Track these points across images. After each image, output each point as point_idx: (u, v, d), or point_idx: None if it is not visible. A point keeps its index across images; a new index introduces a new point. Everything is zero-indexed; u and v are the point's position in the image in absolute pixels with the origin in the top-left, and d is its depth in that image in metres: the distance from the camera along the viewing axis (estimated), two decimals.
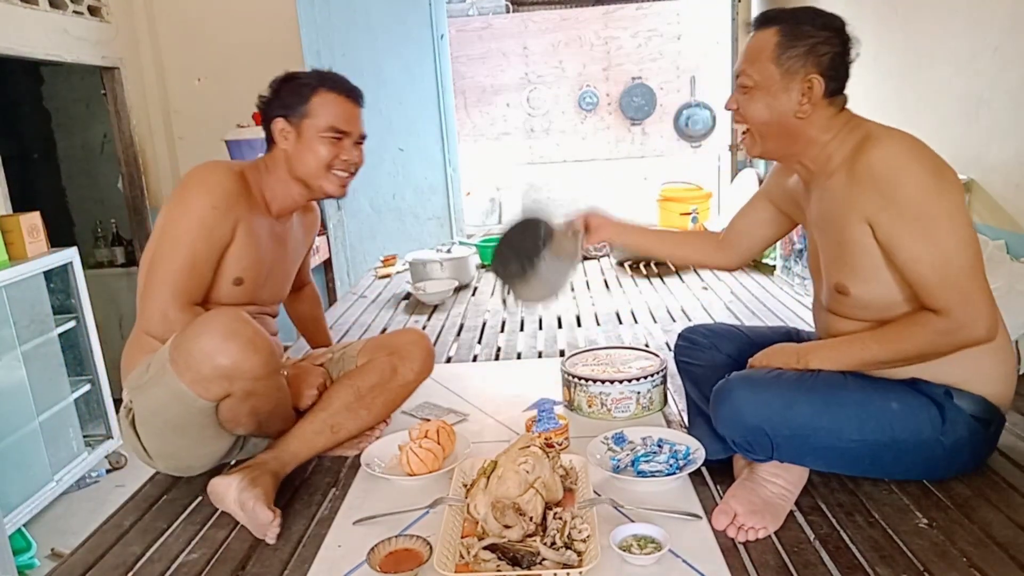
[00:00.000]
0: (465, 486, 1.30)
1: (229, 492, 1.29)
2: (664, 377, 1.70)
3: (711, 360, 1.49)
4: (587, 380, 1.67)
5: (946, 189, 1.17)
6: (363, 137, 1.61)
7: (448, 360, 2.26)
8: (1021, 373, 1.77)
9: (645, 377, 1.65)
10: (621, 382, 1.64)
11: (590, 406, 1.68)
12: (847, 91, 1.30)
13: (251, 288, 1.55)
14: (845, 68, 1.27)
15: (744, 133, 1.35)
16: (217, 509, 1.40)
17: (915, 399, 1.24)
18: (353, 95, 1.58)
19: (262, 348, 1.31)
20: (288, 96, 1.53)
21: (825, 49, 1.25)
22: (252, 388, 1.32)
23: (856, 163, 1.21)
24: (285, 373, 1.51)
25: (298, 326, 2.00)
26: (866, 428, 1.23)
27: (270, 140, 1.58)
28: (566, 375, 1.73)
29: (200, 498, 1.47)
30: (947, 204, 1.16)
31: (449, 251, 3.20)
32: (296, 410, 1.53)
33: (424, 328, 2.59)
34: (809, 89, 1.25)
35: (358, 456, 1.53)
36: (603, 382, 1.65)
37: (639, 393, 1.65)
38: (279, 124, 1.54)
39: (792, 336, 1.53)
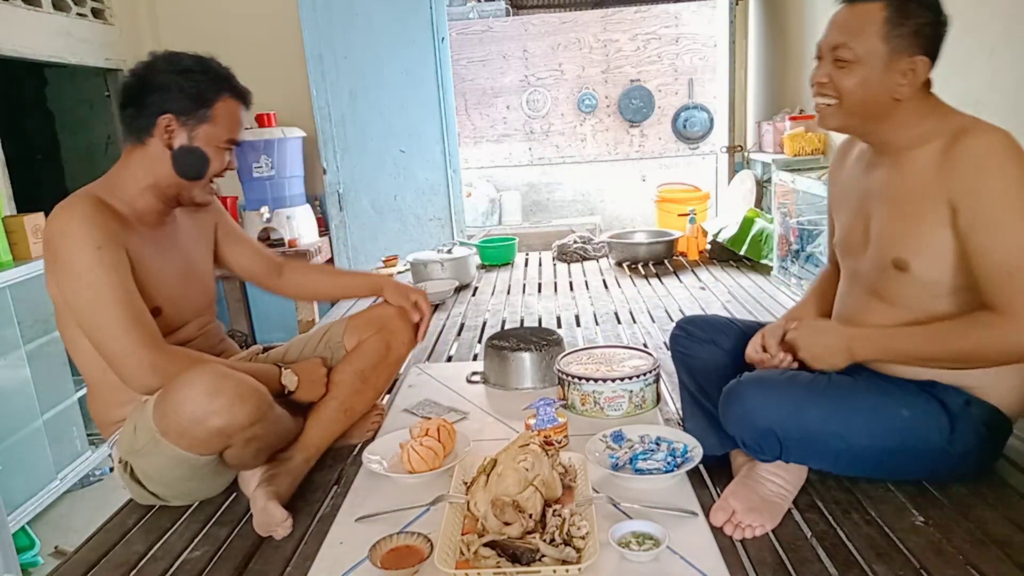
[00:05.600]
0: (465, 484, 1.31)
1: (252, 481, 1.37)
2: (657, 376, 1.71)
3: (709, 353, 1.47)
4: (580, 378, 1.68)
5: None
6: None
7: (449, 359, 2.28)
8: None
9: (637, 376, 1.66)
10: (613, 380, 1.65)
11: (583, 404, 1.68)
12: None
13: (172, 312, 1.42)
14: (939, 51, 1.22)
15: (823, 104, 1.27)
16: (220, 507, 1.42)
17: (927, 405, 1.22)
18: (249, 101, 1.45)
19: (248, 396, 1.26)
20: (188, 91, 1.35)
21: (931, 31, 1.19)
22: (251, 434, 1.30)
23: (956, 145, 1.16)
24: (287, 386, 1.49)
25: (323, 297, 1.81)
26: (875, 433, 1.23)
27: (139, 134, 1.37)
28: (560, 373, 1.74)
29: None
30: None
31: (450, 251, 3.21)
32: (306, 404, 1.55)
33: None
34: (912, 70, 1.20)
35: (360, 454, 1.55)
36: (595, 380, 1.66)
37: (631, 392, 1.66)
38: (166, 121, 1.35)
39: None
